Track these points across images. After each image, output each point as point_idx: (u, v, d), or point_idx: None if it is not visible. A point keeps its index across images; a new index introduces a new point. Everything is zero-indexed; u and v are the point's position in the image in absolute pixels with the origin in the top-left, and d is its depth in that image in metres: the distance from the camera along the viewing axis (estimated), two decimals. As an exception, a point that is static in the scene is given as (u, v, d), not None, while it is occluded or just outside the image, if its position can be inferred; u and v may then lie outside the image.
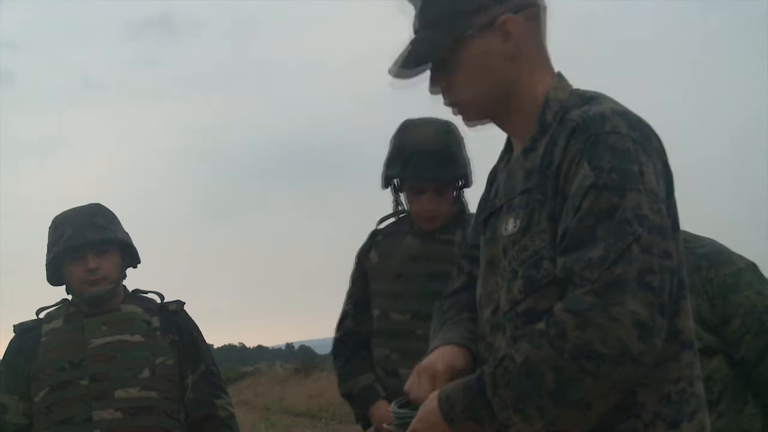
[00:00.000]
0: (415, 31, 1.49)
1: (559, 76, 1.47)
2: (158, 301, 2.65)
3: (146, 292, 2.68)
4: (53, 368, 2.47)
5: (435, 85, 1.49)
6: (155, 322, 2.57)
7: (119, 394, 2.43)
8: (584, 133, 1.31)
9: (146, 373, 2.47)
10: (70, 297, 2.62)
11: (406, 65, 1.46)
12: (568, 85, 1.46)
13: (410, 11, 1.51)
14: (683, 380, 1.34)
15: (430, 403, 1.36)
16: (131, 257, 2.64)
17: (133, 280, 2.69)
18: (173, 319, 2.61)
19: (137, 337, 2.52)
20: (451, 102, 1.49)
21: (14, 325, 2.60)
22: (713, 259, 2.24)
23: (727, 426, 2.17)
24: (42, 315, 2.60)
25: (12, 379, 2.53)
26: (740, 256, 2.27)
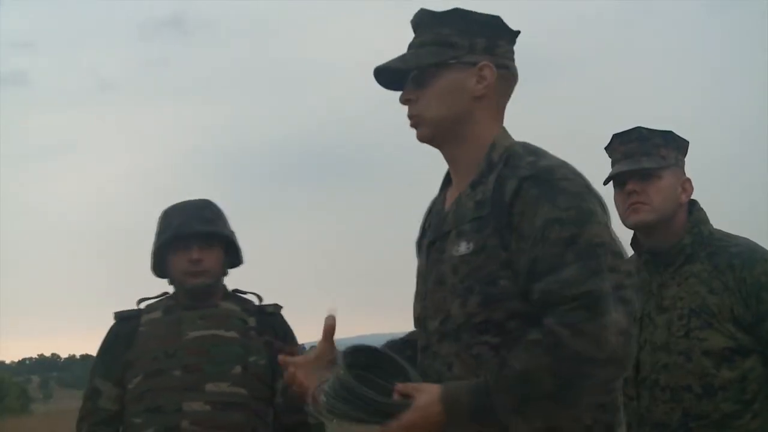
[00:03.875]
0: (410, 47, 1.73)
1: (504, 129, 1.71)
2: (256, 302, 2.65)
3: (245, 293, 2.67)
4: (148, 357, 2.48)
5: (407, 95, 1.71)
6: (252, 322, 2.57)
7: (210, 387, 2.43)
8: (537, 180, 1.54)
9: (238, 369, 2.47)
10: (170, 291, 2.63)
11: (392, 64, 1.70)
12: (512, 138, 1.70)
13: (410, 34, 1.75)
14: (615, 391, 1.57)
15: (430, 397, 1.50)
16: (234, 255, 2.64)
17: (151, 281, 2.68)
18: (270, 321, 2.61)
19: (232, 334, 2.51)
20: (411, 114, 1.71)
21: (114, 313, 2.61)
22: (746, 258, 2.23)
23: (762, 426, 2.17)
24: (142, 305, 2.61)
25: (108, 365, 2.55)
26: None
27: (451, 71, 1.66)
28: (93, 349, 2.64)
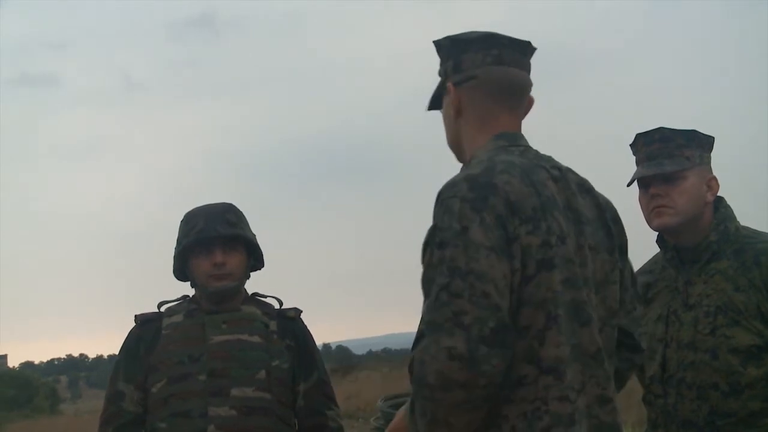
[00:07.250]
0: None
1: (500, 136, 1.71)
2: (277, 306, 2.66)
3: (265, 297, 2.68)
4: (172, 361, 2.48)
5: None
6: (273, 326, 2.57)
7: (235, 392, 2.44)
8: (437, 198, 1.58)
9: (263, 374, 2.47)
10: (191, 294, 2.64)
11: (428, 106, 1.86)
12: (495, 146, 1.69)
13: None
14: (538, 400, 1.54)
15: (405, 407, 1.69)
16: (256, 259, 2.65)
17: (165, 282, 2.65)
18: (290, 326, 2.61)
19: (256, 338, 2.52)
20: None
21: (135, 315, 2.61)
22: None
23: (790, 424, 2.15)
24: (163, 309, 2.61)
25: (131, 368, 2.54)
26: None
27: (444, 103, 1.81)
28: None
